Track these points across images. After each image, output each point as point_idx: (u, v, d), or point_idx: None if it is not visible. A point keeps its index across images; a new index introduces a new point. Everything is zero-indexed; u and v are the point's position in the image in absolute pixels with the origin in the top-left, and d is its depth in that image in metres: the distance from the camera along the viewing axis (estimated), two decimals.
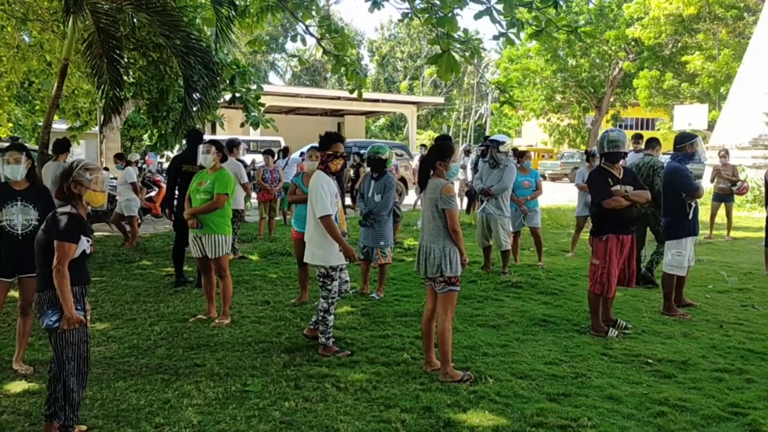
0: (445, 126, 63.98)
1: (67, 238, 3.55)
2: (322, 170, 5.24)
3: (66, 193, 3.68)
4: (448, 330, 4.67)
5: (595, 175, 6.08)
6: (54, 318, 3.54)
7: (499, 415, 4.03)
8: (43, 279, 3.63)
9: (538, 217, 9.25)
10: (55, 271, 3.50)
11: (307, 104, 32.42)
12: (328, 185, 5.09)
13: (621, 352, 5.29)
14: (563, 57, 39.79)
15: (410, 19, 8.22)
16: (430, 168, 4.77)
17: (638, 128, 52.29)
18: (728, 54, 30.43)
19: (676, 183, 6.60)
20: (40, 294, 3.63)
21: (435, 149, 4.85)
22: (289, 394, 4.34)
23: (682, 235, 6.62)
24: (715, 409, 4.14)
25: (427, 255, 4.69)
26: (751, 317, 6.46)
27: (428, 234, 4.73)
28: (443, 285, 4.66)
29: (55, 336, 3.59)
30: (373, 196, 7.19)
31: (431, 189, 4.70)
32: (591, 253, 6.07)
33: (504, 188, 8.32)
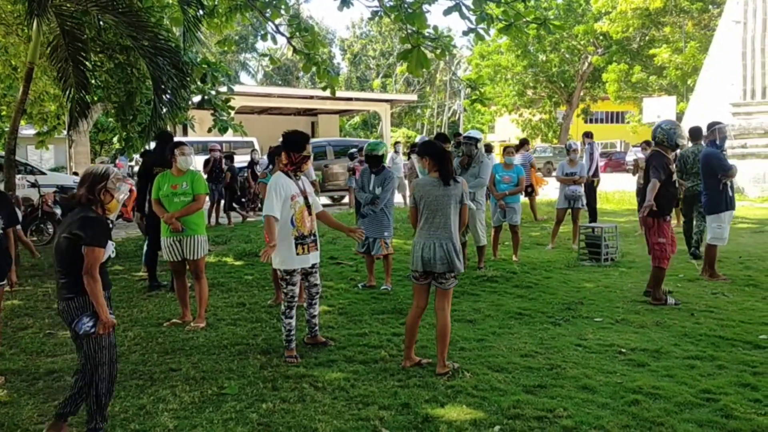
0: (419, 123, 64.13)
1: (98, 243, 3.54)
2: (283, 171, 5.18)
3: (92, 198, 3.64)
4: (449, 324, 4.77)
5: (655, 158, 6.73)
6: (90, 323, 3.54)
7: (477, 408, 4.06)
8: (71, 286, 3.58)
9: (518, 215, 9.33)
10: (88, 276, 3.49)
11: (280, 104, 32.24)
12: (282, 187, 5.01)
13: (595, 343, 5.36)
14: (533, 52, 40.15)
15: (380, 17, 8.22)
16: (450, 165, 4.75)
17: (608, 121, 52.99)
18: (694, 46, 30.99)
19: (713, 165, 7.75)
20: (69, 302, 3.58)
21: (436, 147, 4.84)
22: (266, 395, 4.32)
23: (721, 209, 7.72)
24: (688, 396, 4.21)
25: (455, 251, 4.64)
26: (721, 305, 6.58)
27: (445, 230, 4.64)
28: (452, 280, 4.73)
29: (88, 342, 3.58)
30: (374, 189, 7.46)
31: (454, 185, 4.70)
32: (649, 233, 6.69)
33: (482, 184, 8.42)
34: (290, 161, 5.13)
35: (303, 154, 5.12)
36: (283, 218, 5.00)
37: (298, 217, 5.06)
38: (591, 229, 9.32)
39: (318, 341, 5.39)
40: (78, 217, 3.59)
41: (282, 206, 4.98)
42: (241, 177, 15.44)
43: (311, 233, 5.16)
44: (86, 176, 3.69)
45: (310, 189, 5.31)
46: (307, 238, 5.12)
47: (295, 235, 5.05)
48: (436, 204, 4.69)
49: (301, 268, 5.14)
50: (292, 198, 5.03)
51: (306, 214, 5.12)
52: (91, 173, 3.70)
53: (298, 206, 5.07)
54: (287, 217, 5.02)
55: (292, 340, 5.13)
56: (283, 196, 4.99)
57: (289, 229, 5.03)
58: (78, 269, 3.51)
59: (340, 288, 7.61)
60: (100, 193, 3.65)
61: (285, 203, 4.99)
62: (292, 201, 5.03)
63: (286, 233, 5.02)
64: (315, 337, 5.41)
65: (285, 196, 5.00)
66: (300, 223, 5.07)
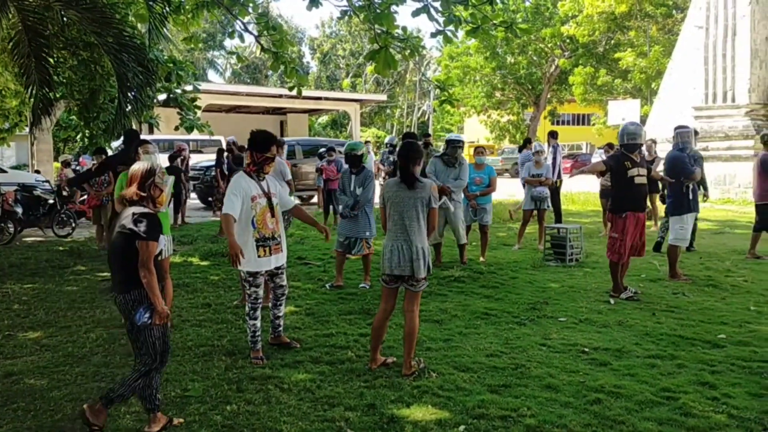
0: (389, 123, 64.22)
1: (152, 237, 3.69)
2: (246, 172, 5.10)
3: (144, 195, 3.82)
4: (417, 326, 4.80)
5: (615, 158, 7.13)
6: (147, 315, 3.70)
7: (442, 408, 4.08)
8: (126, 281, 3.74)
9: (489, 215, 9.46)
10: (144, 269, 3.64)
11: (248, 102, 31.97)
12: (242, 187, 4.94)
13: (559, 342, 5.43)
14: (502, 54, 40.49)
15: (349, 17, 8.21)
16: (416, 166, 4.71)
17: (574, 123, 53.75)
18: (658, 50, 31.61)
19: (676, 168, 8.00)
20: (125, 295, 3.74)
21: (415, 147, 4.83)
22: (231, 397, 4.28)
23: (684, 211, 7.99)
24: (648, 394, 4.30)
25: (416, 255, 4.63)
26: (682, 304, 6.73)
27: (410, 233, 4.64)
28: (422, 282, 4.73)
29: (144, 332, 3.74)
30: (355, 190, 7.52)
31: (420, 187, 4.68)
32: (609, 228, 7.17)
33: (462, 185, 8.74)
34: (253, 161, 5.05)
35: (266, 155, 5.02)
36: (243, 220, 4.92)
37: (259, 219, 4.97)
38: (556, 230, 9.44)
39: (282, 342, 5.35)
40: (131, 213, 3.74)
41: (242, 207, 4.91)
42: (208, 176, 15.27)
43: (274, 235, 5.07)
44: (134, 175, 3.85)
45: (275, 190, 5.21)
46: (270, 240, 5.03)
47: (257, 236, 4.97)
48: (402, 206, 4.68)
49: (265, 270, 5.09)
50: (252, 199, 4.94)
51: (268, 216, 5.02)
52: (138, 171, 3.85)
53: (260, 207, 4.97)
54: (248, 219, 4.93)
55: (258, 341, 5.09)
56: (243, 197, 4.91)
57: (250, 231, 4.95)
58: (133, 263, 3.67)
59: (308, 288, 7.59)
60: (150, 188, 3.84)
61: (245, 204, 4.91)
62: (253, 202, 4.94)
63: (247, 235, 4.94)
64: (279, 338, 5.37)
65: (245, 196, 4.92)
66: (261, 225, 4.98)
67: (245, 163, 5.18)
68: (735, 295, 7.09)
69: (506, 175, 32.36)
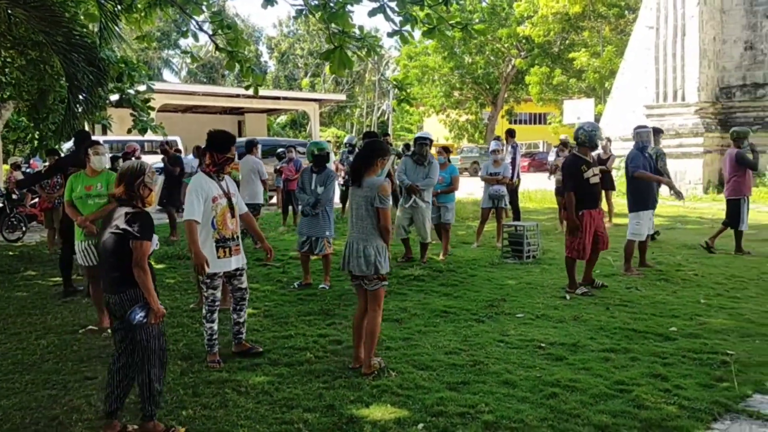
0: (349, 123, 64.12)
1: (146, 237, 3.72)
2: (205, 172, 5.04)
3: (132, 194, 3.82)
4: (379, 325, 4.81)
5: (570, 162, 7.30)
6: (142, 314, 3.71)
7: (401, 407, 4.09)
8: (120, 280, 3.73)
9: (450, 214, 9.55)
10: (139, 269, 3.67)
11: (205, 102, 31.50)
12: (203, 188, 4.89)
13: (517, 338, 5.50)
14: (459, 54, 40.83)
15: (305, 16, 8.16)
16: (368, 165, 4.77)
17: (531, 122, 54.50)
18: (611, 50, 32.29)
19: (628, 166, 8.29)
20: (121, 295, 3.73)
21: (375, 146, 4.89)
22: (186, 402, 4.22)
23: (641, 208, 8.24)
24: (603, 387, 4.38)
25: (359, 253, 4.68)
26: (635, 298, 6.88)
27: (359, 232, 4.72)
28: (375, 282, 4.74)
29: (140, 331, 3.73)
30: (316, 188, 7.51)
31: (367, 187, 4.70)
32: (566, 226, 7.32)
33: (431, 184, 8.84)
34: (213, 162, 4.98)
35: (227, 155, 4.98)
36: (203, 220, 4.86)
37: (219, 220, 4.92)
38: (514, 228, 9.56)
39: (244, 348, 5.20)
40: (123, 213, 3.76)
41: (204, 208, 4.85)
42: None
43: (234, 236, 5.02)
44: (123, 174, 3.85)
45: (235, 190, 5.17)
46: (230, 241, 4.98)
47: (216, 237, 4.91)
48: (355, 205, 4.79)
49: (224, 272, 5.02)
50: (213, 200, 4.89)
51: (228, 217, 4.98)
52: (126, 172, 3.85)
53: (220, 208, 4.92)
54: (208, 219, 4.88)
55: (215, 344, 5.02)
56: (204, 198, 4.86)
57: (209, 232, 4.89)
58: (126, 263, 3.69)
59: (266, 290, 7.52)
60: (139, 188, 3.83)
61: (206, 205, 4.86)
62: (214, 203, 4.89)
63: (206, 236, 4.88)
64: (241, 344, 5.22)
65: (206, 197, 4.87)
66: (221, 226, 4.93)
67: (204, 163, 5.10)
68: (686, 289, 7.28)
69: (465, 174, 32.60)
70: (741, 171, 9.31)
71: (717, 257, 9.19)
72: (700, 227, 12.44)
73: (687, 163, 18.35)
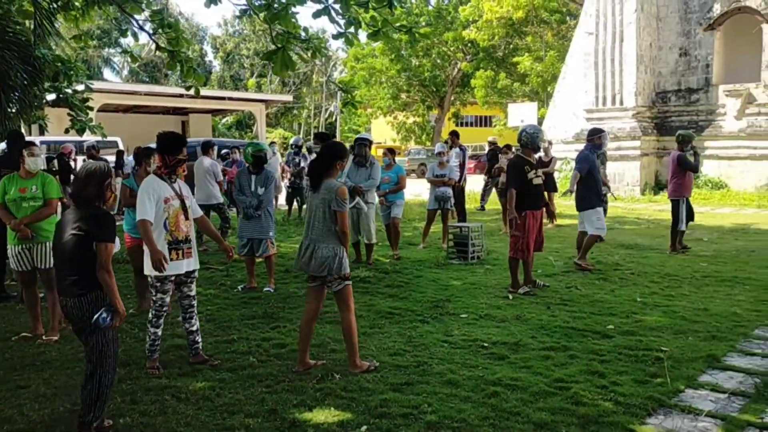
0: (296, 124, 63.69)
1: (111, 239, 3.70)
2: (157, 174, 4.97)
3: (100, 195, 3.79)
4: (354, 323, 4.83)
5: (514, 163, 7.50)
6: (106, 316, 3.67)
7: (345, 410, 4.08)
8: (80, 283, 3.67)
9: (399, 209, 9.70)
10: (104, 271, 3.63)
11: (147, 102, 30.74)
12: (154, 189, 4.82)
13: (460, 338, 5.56)
14: (406, 57, 41.07)
15: (249, 16, 8.06)
16: (328, 168, 4.80)
17: (477, 125, 55.25)
18: (553, 55, 33.02)
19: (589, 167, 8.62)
20: (81, 298, 3.67)
21: (334, 149, 4.90)
22: (124, 409, 4.10)
23: (597, 205, 8.64)
24: (543, 385, 4.47)
25: (315, 255, 4.70)
26: (575, 297, 7.05)
27: (317, 234, 4.74)
28: (338, 282, 4.76)
29: (98, 335, 3.69)
30: (257, 190, 7.47)
31: (325, 190, 4.73)
32: (510, 227, 7.46)
33: (374, 185, 8.90)
34: (165, 164, 4.93)
35: (178, 157, 4.93)
36: (155, 222, 4.79)
37: (172, 221, 4.85)
38: (459, 229, 9.67)
39: (202, 359, 5.03)
40: (86, 214, 3.70)
41: (156, 209, 4.78)
42: None
43: (187, 238, 4.95)
44: (91, 175, 3.79)
45: (188, 193, 5.11)
46: (183, 244, 4.91)
47: (169, 239, 4.84)
48: (312, 208, 4.84)
49: (175, 275, 4.92)
50: (165, 201, 4.84)
51: (182, 218, 4.91)
52: (95, 171, 3.80)
53: (173, 209, 4.86)
54: (160, 221, 4.81)
55: (156, 350, 4.91)
56: (156, 199, 4.79)
57: (161, 233, 4.82)
58: (88, 266, 3.64)
59: (209, 294, 7.39)
60: (107, 189, 3.82)
61: (158, 206, 4.79)
62: (166, 204, 4.83)
63: (158, 237, 4.80)
64: (198, 355, 5.07)
65: (158, 198, 4.80)
66: (174, 227, 4.86)
67: (155, 165, 5.01)
68: (623, 288, 7.50)
69: (413, 176, 32.78)
70: (682, 173, 9.66)
71: (653, 256, 9.51)
72: (638, 227, 12.85)
73: (625, 165, 18.90)
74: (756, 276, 7.97)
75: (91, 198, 3.77)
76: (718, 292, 7.19)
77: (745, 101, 18.02)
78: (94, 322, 3.64)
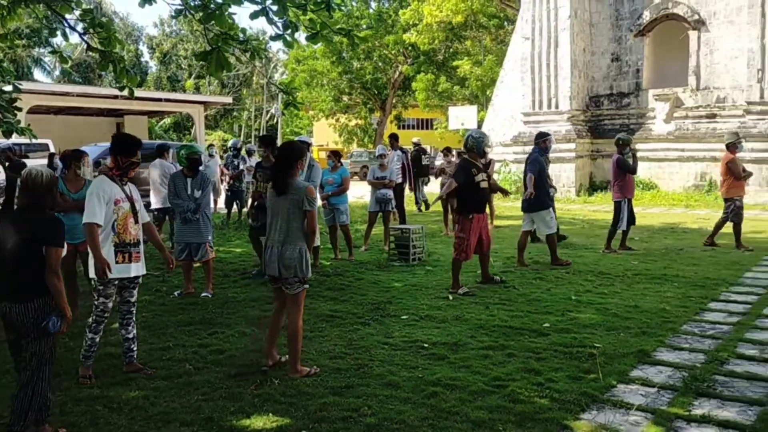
0: (237, 126, 62.79)
1: (60, 244, 3.72)
2: (108, 176, 4.85)
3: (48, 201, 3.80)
4: (300, 327, 4.85)
5: (463, 164, 7.68)
6: (56, 320, 3.67)
7: (284, 415, 4.04)
8: (26, 289, 3.66)
9: (345, 215, 9.65)
10: (54, 276, 3.64)
11: (80, 104, 29.70)
12: (104, 190, 4.72)
13: (401, 340, 5.59)
14: (348, 60, 41.05)
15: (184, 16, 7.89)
16: (290, 170, 4.81)
17: (419, 128, 55.71)
18: (492, 60, 33.61)
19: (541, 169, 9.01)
20: (27, 304, 3.64)
21: (293, 150, 4.94)
22: (53, 421, 3.93)
23: (549, 205, 9.03)
24: (481, 384, 4.53)
25: (280, 256, 4.69)
26: (512, 297, 7.18)
27: (282, 235, 4.73)
28: (297, 285, 4.74)
29: (41, 342, 3.68)
30: (194, 193, 7.35)
31: (293, 191, 4.73)
32: (456, 228, 7.72)
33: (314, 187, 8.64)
34: (117, 165, 4.84)
35: (132, 159, 4.85)
36: (104, 223, 4.68)
37: (120, 224, 4.76)
38: (400, 231, 9.72)
39: (136, 367, 4.90)
40: (36, 220, 3.71)
41: (105, 211, 4.68)
42: None
43: (135, 242, 4.85)
44: (42, 181, 3.76)
45: (138, 197, 5.00)
46: (130, 247, 4.81)
47: (116, 241, 4.73)
48: (274, 209, 4.83)
49: (119, 279, 4.78)
50: (116, 202, 4.75)
51: (131, 222, 4.83)
52: (43, 177, 3.77)
53: (122, 212, 4.77)
54: (108, 222, 4.71)
55: (91, 356, 4.78)
56: (107, 200, 4.69)
57: (109, 235, 4.71)
58: (34, 270, 3.64)
59: (145, 300, 7.17)
60: (55, 194, 3.90)
61: (108, 207, 4.70)
62: (116, 206, 4.74)
63: (105, 238, 4.70)
64: (132, 364, 4.93)
65: (108, 199, 4.71)
66: (122, 230, 4.77)
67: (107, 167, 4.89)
68: (559, 286, 7.69)
69: (356, 178, 32.77)
70: (622, 175, 10.01)
71: (587, 255, 9.78)
72: (573, 227, 13.19)
73: (561, 167, 19.38)
74: (684, 273, 8.30)
75: (40, 204, 3.77)
76: (648, 290, 7.45)
77: (673, 105, 18.76)
78: (43, 328, 3.63)
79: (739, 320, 6.13)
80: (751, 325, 5.94)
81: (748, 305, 6.68)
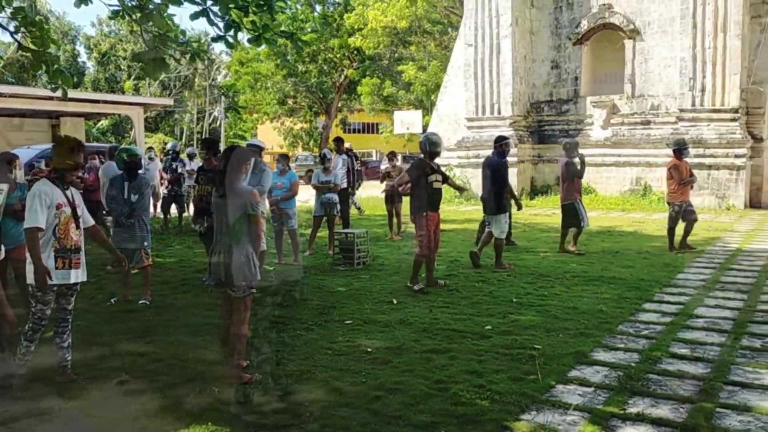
0: (178, 129, 61.51)
1: None
2: (49, 179, 4.70)
3: None
4: (245, 333, 4.78)
5: (416, 166, 7.86)
6: None
7: (224, 424, 3.97)
8: None
9: (293, 220, 9.58)
10: None
11: (13, 104, 28.51)
12: (47, 194, 4.56)
13: (344, 345, 5.57)
14: (292, 62, 40.82)
15: (122, 17, 7.70)
16: (238, 173, 4.76)
17: (364, 132, 55.83)
18: (436, 65, 34.00)
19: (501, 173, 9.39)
20: None
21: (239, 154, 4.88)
22: None
23: (507, 209, 9.36)
24: (424, 387, 4.56)
25: (227, 261, 4.64)
26: (455, 300, 7.26)
27: (228, 239, 4.68)
28: (244, 289, 4.69)
29: None
30: (129, 197, 7.16)
31: (237, 195, 4.68)
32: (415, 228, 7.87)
33: (263, 192, 8.55)
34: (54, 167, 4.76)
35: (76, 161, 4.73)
36: (45, 227, 4.52)
37: (62, 229, 4.61)
38: (344, 235, 9.70)
39: (70, 377, 4.73)
40: None
41: (47, 215, 4.52)
42: None
43: (76, 247, 4.71)
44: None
45: (80, 201, 4.86)
46: (71, 253, 4.67)
47: (56, 247, 4.58)
48: (219, 214, 4.79)
49: (58, 285, 4.62)
50: (57, 207, 4.59)
51: (72, 227, 4.68)
52: None
53: (64, 216, 4.62)
54: (50, 227, 4.55)
55: (25, 366, 4.62)
56: (49, 204, 4.54)
57: (50, 240, 4.55)
58: None
59: (79, 308, 6.88)
60: None
61: (50, 212, 4.54)
62: (58, 210, 4.59)
63: (45, 243, 4.55)
64: (66, 374, 4.76)
65: (50, 204, 4.55)
66: (63, 235, 4.61)
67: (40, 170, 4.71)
68: (500, 289, 7.81)
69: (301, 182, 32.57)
70: (570, 178, 10.27)
71: (528, 258, 9.97)
72: (515, 231, 13.39)
73: None
74: (620, 275, 8.55)
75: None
76: (586, 291, 7.65)
77: (610, 112, 19.35)
78: None
79: (672, 320, 6.35)
80: (683, 325, 6.16)
81: (680, 305, 6.93)
